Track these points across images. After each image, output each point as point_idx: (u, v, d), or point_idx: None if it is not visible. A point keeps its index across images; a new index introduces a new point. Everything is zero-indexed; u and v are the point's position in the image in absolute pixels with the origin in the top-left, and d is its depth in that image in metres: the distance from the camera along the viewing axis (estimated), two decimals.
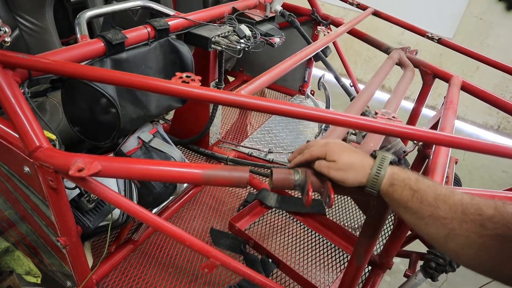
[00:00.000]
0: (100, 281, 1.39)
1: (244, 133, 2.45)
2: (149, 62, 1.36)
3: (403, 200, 0.75)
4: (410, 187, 0.75)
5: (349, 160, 0.80)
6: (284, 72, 1.24)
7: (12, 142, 0.96)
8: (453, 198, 0.71)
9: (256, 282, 1.14)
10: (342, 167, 0.80)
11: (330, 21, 2.34)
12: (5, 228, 1.42)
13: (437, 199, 0.72)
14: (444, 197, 0.72)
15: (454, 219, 0.69)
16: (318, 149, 0.84)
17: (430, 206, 0.72)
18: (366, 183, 0.79)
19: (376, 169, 0.78)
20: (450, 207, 0.70)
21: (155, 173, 0.87)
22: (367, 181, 0.79)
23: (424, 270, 1.34)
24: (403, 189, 0.75)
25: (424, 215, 0.73)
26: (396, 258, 2.30)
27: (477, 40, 3.90)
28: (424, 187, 0.74)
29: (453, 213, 0.70)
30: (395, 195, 0.76)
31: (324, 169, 0.82)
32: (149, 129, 1.47)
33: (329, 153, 0.82)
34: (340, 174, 0.80)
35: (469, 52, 1.88)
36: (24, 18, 1.58)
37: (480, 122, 4.21)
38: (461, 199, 0.70)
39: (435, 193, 0.72)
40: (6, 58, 0.90)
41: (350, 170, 0.79)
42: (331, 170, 0.81)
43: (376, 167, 0.78)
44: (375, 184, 0.78)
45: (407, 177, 0.76)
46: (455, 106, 1.38)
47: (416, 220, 0.75)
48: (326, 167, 0.81)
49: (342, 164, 0.80)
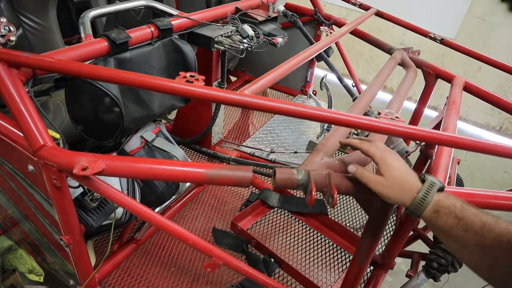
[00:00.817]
0: (103, 280, 1.40)
1: (246, 133, 2.46)
2: (153, 61, 1.37)
3: (448, 228, 0.74)
4: (455, 215, 0.73)
5: (401, 178, 0.79)
6: (287, 72, 1.24)
7: (17, 140, 0.97)
8: (498, 226, 0.70)
9: (258, 281, 1.14)
10: (391, 185, 0.78)
11: (333, 21, 2.34)
12: (9, 226, 1.43)
13: (483, 228, 0.70)
14: (490, 225, 0.70)
15: (500, 248, 0.68)
16: (375, 150, 0.83)
17: (475, 235, 0.71)
18: (409, 206, 0.78)
19: (423, 194, 0.76)
20: (496, 236, 0.69)
21: (158, 172, 0.87)
22: (411, 204, 0.77)
23: (426, 270, 1.34)
24: (448, 216, 0.74)
25: (469, 243, 0.71)
26: (398, 259, 2.30)
27: (480, 41, 3.89)
28: (469, 215, 0.72)
29: (499, 242, 0.68)
30: (439, 221, 0.75)
31: (371, 183, 0.80)
32: (152, 129, 1.47)
33: (382, 164, 0.80)
34: (386, 191, 0.79)
35: (471, 53, 1.87)
36: (27, 18, 1.58)
37: (482, 122, 4.20)
38: (507, 228, 0.69)
39: (481, 222, 0.71)
40: (11, 57, 0.91)
41: (398, 189, 0.78)
42: (378, 186, 0.79)
43: (423, 192, 0.77)
44: (419, 209, 0.77)
45: (453, 204, 0.75)
46: (457, 106, 1.38)
47: (459, 248, 0.74)
48: (374, 181, 0.80)
49: (392, 182, 0.78)
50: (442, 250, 1.30)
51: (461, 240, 0.72)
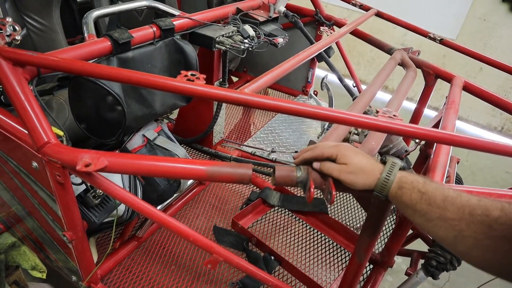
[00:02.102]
0: (105, 276, 1.41)
1: (247, 132, 2.47)
2: (155, 61, 1.38)
3: (412, 203, 0.76)
4: (418, 189, 0.76)
5: (361, 164, 0.81)
6: (287, 71, 1.26)
7: (21, 137, 0.98)
8: (460, 199, 0.72)
9: (259, 278, 1.16)
10: (353, 171, 0.81)
11: (333, 22, 2.35)
12: (12, 223, 1.45)
13: (445, 200, 0.73)
14: (452, 199, 0.72)
15: (462, 221, 0.70)
16: (329, 149, 0.85)
17: (438, 208, 0.73)
18: (374, 188, 0.80)
19: (386, 174, 0.79)
20: (458, 209, 0.71)
21: (160, 169, 0.88)
22: (376, 186, 0.80)
23: (425, 269, 1.35)
24: (412, 191, 0.76)
25: (433, 217, 0.74)
26: (399, 259, 2.31)
27: (481, 41, 3.90)
28: (432, 189, 0.75)
29: (461, 214, 0.70)
30: (404, 198, 0.77)
31: (335, 172, 0.83)
32: (154, 127, 1.49)
33: (340, 155, 0.83)
34: (350, 177, 0.81)
35: (471, 53, 1.88)
36: (31, 18, 1.60)
37: (483, 123, 4.21)
38: (468, 201, 0.71)
39: (443, 195, 0.73)
40: (16, 55, 0.93)
41: (361, 174, 0.81)
42: (342, 173, 0.82)
43: (386, 172, 0.80)
44: (384, 189, 0.79)
45: (415, 179, 0.77)
46: (456, 106, 1.39)
47: (425, 222, 0.76)
48: (337, 170, 0.82)
49: (354, 167, 0.81)
50: (441, 248, 1.31)
51: (426, 215, 0.75)
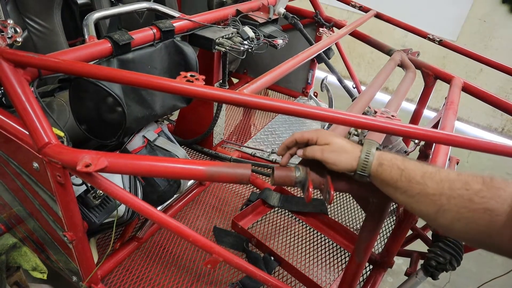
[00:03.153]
0: (105, 277, 1.42)
1: (247, 133, 2.48)
2: (155, 62, 1.39)
3: (393, 180, 0.78)
4: (397, 166, 0.77)
5: (341, 143, 0.84)
6: (286, 72, 1.27)
7: (22, 138, 0.99)
8: (439, 174, 0.74)
9: (258, 278, 1.16)
10: (335, 149, 0.83)
11: (333, 23, 2.36)
12: (13, 224, 1.45)
13: (424, 176, 0.74)
14: (431, 174, 0.74)
15: (442, 195, 0.71)
16: (309, 133, 0.87)
17: (418, 184, 0.74)
18: (357, 167, 0.82)
19: (365, 152, 0.81)
20: (437, 184, 0.73)
21: (160, 169, 0.89)
22: (357, 164, 0.81)
23: (425, 269, 1.35)
24: (391, 168, 0.78)
25: (413, 193, 0.75)
26: (399, 259, 2.31)
27: (481, 43, 3.90)
28: (411, 166, 0.77)
29: (441, 189, 0.72)
30: (384, 175, 0.79)
31: (317, 152, 0.84)
32: (154, 128, 1.50)
33: (321, 137, 0.85)
34: (333, 155, 0.83)
35: (471, 54, 1.89)
36: (32, 20, 1.62)
37: (484, 124, 4.21)
38: (448, 175, 0.73)
39: (422, 171, 0.75)
40: (17, 57, 0.94)
41: (343, 153, 0.82)
42: (324, 152, 0.83)
43: (365, 151, 0.82)
44: (366, 166, 0.81)
45: (394, 157, 0.80)
46: (455, 106, 1.40)
47: (406, 198, 0.78)
48: (320, 150, 0.84)
49: (336, 146, 0.83)
50: (440, 248, 1.31)
51: (407, 192, 0.76)
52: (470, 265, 2.50)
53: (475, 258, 2.55)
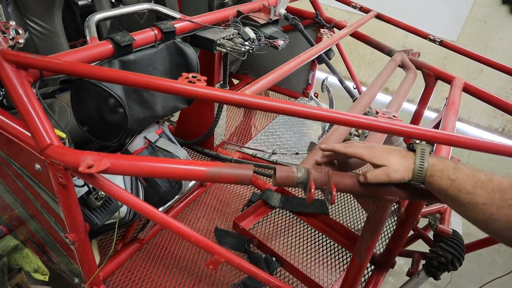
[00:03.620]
0: (107, 278, 1.42)
1: (248, 134, 2.48)
2: (156, 63, 1.39)
3: (443, 189, 0.79)
4: (448, 177, 0.78)
5: (399, 160, 0.84)
6: (288, 72, 1.27)
7: (24, 140, 0.99)
8: (491, 184, 0.74)
9: (260, 279, 1.16)
10: (397, 169, 0.83)
11: (334, 24, 2.37)
12: (15, 226, 1.45)
13: (475, 186, 0.75)
14: (482, 184, 0.75)
15: (492, 205, 0.72)
16: (363, 150, 0.87)
17: (468, 194, 0.75)
18: (412, 177, 0.83)
19: (419, 161, 0.82)
20: (488, 194, 0.73)
21: (162, 170, 0.89)
22: (413, 175, 0.82)
23: (427, 269, 1.36)
24: (441, 179, 0.79)
25: (463, 202, 0.76)
26: (400, 260, 2.31)
27: (481, 43, 3.91)
28: (462, 176, 0.77)
29: (491, 199, 0.73)
30: (435, 185, 0.80)
31: (383, 177, 0.84)
32: (155, 130, 1.50)
33: (377, 158, 0.85)
34: (398, 175, 0.83)
35: (471, 54, 1.89)
36: (33, 22, 1.62)
37: (484, 124, 4.21)
38: (499, 185, 0.73)
39: (473, 181, 0.76)
40: (19, 58, 0.94)
41: (402, 169, 0.83)
42: (391, 175, 0.83)
43: (419, 159, 0.82)
44: (420, 177, 0.82)
45: (445, 167, 0.80)
46: (456, 107, 1.40)
47: (456, 206, 0.79)
48: (385, 174, 0.83)
49: (396, 165, 0.83)
50: (442, 249, 1.32)
51: (456, 200, 0.77)
52: (471, 265, 2.50)
53: (476, 258, 2.56)
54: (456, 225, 1.39)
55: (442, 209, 1.44)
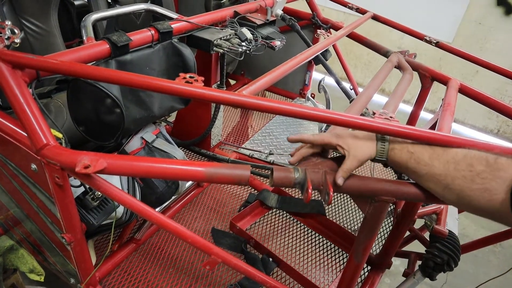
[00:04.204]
0: (103, 278, 1.41)
1: (245, 135, 2.48)
2: (153, 64, 1.39)
3: (403, 162, 0.85)
4: (407, 150, 0.85)
5: (363, 141, 0.90)
6: (285, 73, 1.27)
7: (20, 140, 0.99)
8: (446, 155, 0.79)
9: (257, 279, 1.16)
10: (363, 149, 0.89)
11: (330, 25, 2.37)
12: (10, 226, 1.45)
13: (432, 157, 0.80)
14: (438, 156, 0.80)
15: (447, 176, 0.77)
16: (330, 137, 0.92)
17: (426, 165, 0.81)
18: (376, 153, 0.89)
19: (381, 140, 0.89)
20: (443, 165, 0.78)
21: (159, 171, 0.89)
22: (376, 151, 0.89)
23: (423, 270, 1.36)
24: (401, 152, 0.86)
25: (422, 173, 0.82)
26: (396, 261, 2.32)
27: (477, 44, 3.93)
28: (420, 149, 0.84)
29: (446, 170, 0.77)
30: (395, 158, 0.87)
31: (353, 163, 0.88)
32: (152, 130, 1.49)
33: (342, 142, 0.90)
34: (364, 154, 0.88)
35: (467, 56, 1.90)
36: (29, 21, 1.61)
37: (480, 126, 4.23)
38: (454, 156, 0.78)
39: (430, 152, 0.81)
40: (15, 58, 0.93)
41: (366, 148, 0.89)
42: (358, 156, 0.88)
43: (380, 139, 0.89)
44: (383, 151, 0.88)
45: (404, 141, 0.87)
46: (452, 108, 1.41)
47: (416, 178, 0.85)
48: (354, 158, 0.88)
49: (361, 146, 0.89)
50: (438, 249, 1.32)
51: (416, 172, 0.84)
52: (467, 266, 2.51)
53: (471, 259, 2.57)
54: (452, 226, 1.39)
55: (438, 210, 1.45)
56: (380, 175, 2.20)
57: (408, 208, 1.31)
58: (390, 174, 2.23)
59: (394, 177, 2.14)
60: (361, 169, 2.24)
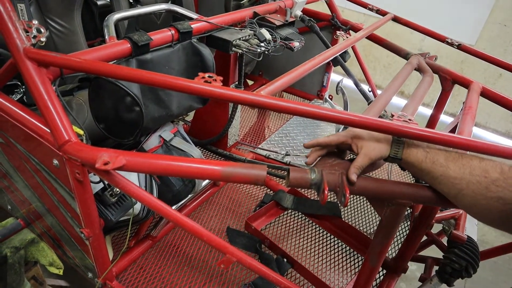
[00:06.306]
0: (120, 274, 1.44)
1: (262, 135, 2.48)
2: (172, 63, 1.41)
3: (418, 161, 0.85)
4: (423, 149, 0.85)
5: (377, 140, 0.90)
6: (303, 74, 1.27)
7: (43, 136, 1.02)
8: (462, 160, 0.79)
9: (271, 279, 1.16)
10: (375, 147, 0.90)
11: (350, 27, 2.35)
12: (32, 220, 1.49)
13: (448, 159, 0.80)
14: (454, 159, 0.80)
15: (462, 180, 0.76)
16: (344, 135, 0.94)
17: (441, 167, 0.81)
18: (390, 150, 0.89)
19: (396, 139, 0.89)
20: (459, 168, 0.78)
21: (176, 169, 0.90)
22: (391, 148, 0.89)
23: (440, 275, 1.34)
24: (417, 151, 0.85)
25: (436, 174, 0.81)
26: (413, 265, 2.28)
27: (501, 47, 3.84)
28: (436, 150, 0.84)
29: (462, 173, 0.77)
30: (411, 157, 0.86)
31: (364, 160, 0.89)
32: (170, 129, 1.51)
33: (357, 140, 0.92)
34: (376, 152, 0.89)
35: (490, 58, 1.86)
36: (54, 21, 1.66)
37: (502, 130, 4.13)
38: (470, 161, 0.78)
39: (445, 155, 0.81)
40: (41, 56, 0.96)
41: (379, 147, 0.90)
42: (370, 153, 0.89)
43: (395, 138, 0.89)
44: (398, 149, 0.88)
45: (420, 142, 0.87)
46: (473, 111, 1.38)
47: (430, 180, 0.84)
48: (365, 156, 0.89)
49: (374, 144, 0.90)
50: (456, 255, 1.30)
51: (430, 173, 0.83)
52: (485, 273, 2.45)
53: (491, 266, 2.51)
54: (471, 232, 1.37)
55: (456, 214, 1.42)
56: (397, 179, 2.18)
57: (425, 212, 1.29)
58: (408, 178, 2.20)
59: (412, 182, 2.11)
60: (379, 173, 2.22)
